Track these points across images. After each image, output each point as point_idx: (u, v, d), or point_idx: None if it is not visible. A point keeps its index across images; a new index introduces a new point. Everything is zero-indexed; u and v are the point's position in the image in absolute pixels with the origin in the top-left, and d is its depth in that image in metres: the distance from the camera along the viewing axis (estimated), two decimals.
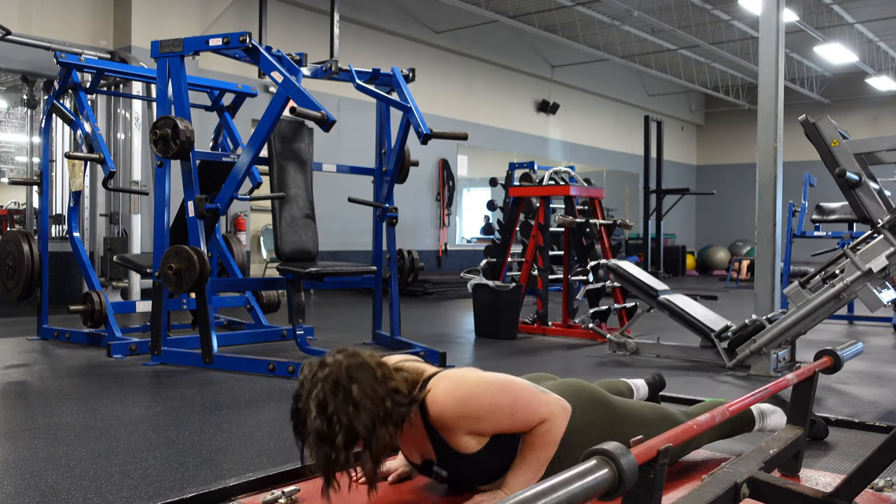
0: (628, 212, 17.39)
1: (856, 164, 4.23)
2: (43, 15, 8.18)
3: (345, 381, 1.67)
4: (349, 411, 1.65)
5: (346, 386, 1.67)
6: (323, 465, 1.68)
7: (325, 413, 1.65)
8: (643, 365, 4.85)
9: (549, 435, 1.81)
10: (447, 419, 1.79)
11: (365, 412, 1.66)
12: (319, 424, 1.65)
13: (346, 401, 1.65)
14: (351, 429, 1.65)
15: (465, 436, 1.80)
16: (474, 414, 1.78)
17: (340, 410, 1.65)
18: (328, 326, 6.60)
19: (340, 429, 1.64)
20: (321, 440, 1.66)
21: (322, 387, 1.67)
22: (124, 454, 2.71)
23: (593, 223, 6.34)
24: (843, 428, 2.68)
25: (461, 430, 1.80)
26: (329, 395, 1.66)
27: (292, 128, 5.19)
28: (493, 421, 1.79)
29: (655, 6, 12.21)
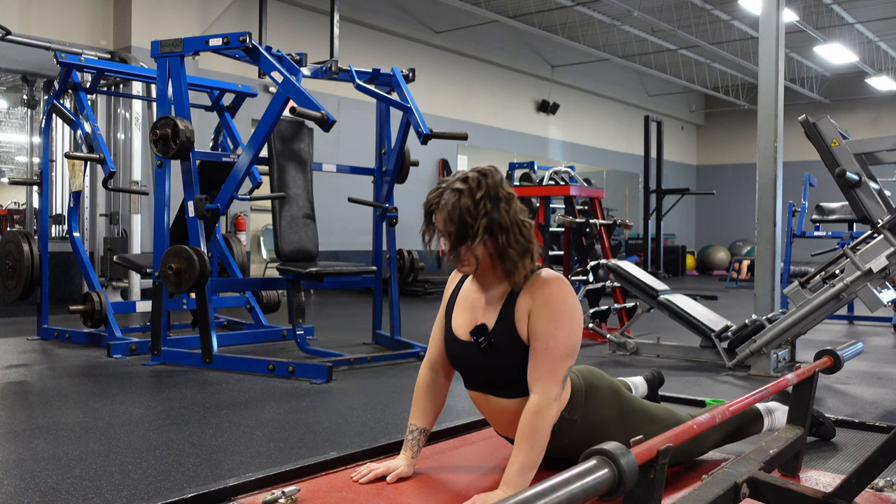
0: (628, 212, 17.39)
1: (856, 164, 4.23)
2: (43, 15, 8.18)
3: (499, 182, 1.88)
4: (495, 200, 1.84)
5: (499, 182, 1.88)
6: (455, 235, 1.84)
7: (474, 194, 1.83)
8: (643, 365, 4.85)
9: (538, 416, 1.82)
10: (542, 285, 1.87)
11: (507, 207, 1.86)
12: (467, 201, 1.82)
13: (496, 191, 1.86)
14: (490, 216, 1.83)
15: (527, 312, 1.87)
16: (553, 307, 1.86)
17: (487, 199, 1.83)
18: (328, 326, 6.60)
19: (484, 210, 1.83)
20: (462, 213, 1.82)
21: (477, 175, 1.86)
22: (124, 454, 2.71)
23: (593, 223, 6.35)
24: (843, 428, 2.67)
25: (532, 303, 1.87)
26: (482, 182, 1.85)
27: (292, 128, 5.19)
28: (545, 327, 1.85)
29: (655, 6, 12.21)
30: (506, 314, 1.90)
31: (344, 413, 3.42)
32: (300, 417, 3.34)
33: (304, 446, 2.84)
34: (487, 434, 2.47)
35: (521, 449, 1.82)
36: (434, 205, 1.88)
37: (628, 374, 2.96)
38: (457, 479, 2.07)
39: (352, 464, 2.16)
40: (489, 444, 2.36)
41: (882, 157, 4.48)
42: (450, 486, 2.01)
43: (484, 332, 1.92)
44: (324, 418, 3.31)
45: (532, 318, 1.87)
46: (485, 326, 1.92)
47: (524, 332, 1.87)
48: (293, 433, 3.05)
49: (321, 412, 3.43)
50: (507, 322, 1.89)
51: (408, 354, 4.89)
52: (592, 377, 2.06)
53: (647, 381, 2.85)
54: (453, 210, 1.83)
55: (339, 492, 1.95)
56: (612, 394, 2.05)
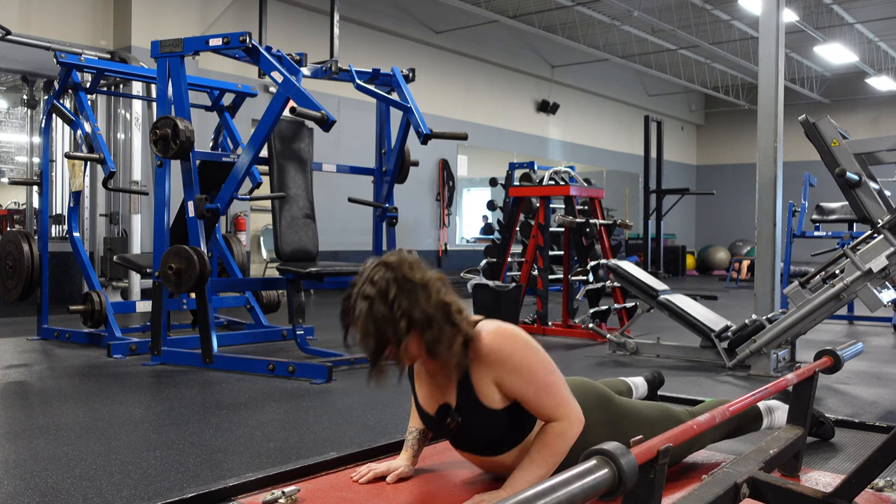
0: (628, 212, 17.39)
1: (856, 164, 4.23)
2: (43, 15, 8.18)
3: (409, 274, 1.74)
4: (412, 298, 1.71)
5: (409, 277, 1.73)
6: (375, 347, 1.73)
7: (387, 299, 1.70)
8: (643, 365, 4.85)
9: (561, 436, 1.81)
10: (488, 355, 1.79)
11: (424, 302, 1.72)
12: (381, 308, 1.70)
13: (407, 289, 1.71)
14: (409, 315, 1.70)
15: (492, 383, 1.81)
16: (513, 362, 1.79)
17: (403, 296, 1.71)
18: (328, 326, 6.60)
19: (401, 315, 1.70)
20: (380, 322, 1.70)
21: (385, 273, 1.73)
22: (124, 454, 2.71)
23: (593, 223, 6.34)
24: (843, 428, 2.68)
25: (491, 374, 1.80)
26: (391, 283, 1.72)
27: (292, 128, 5.19)
28: (523, 381, 1.79)
29: (655, 6, 12.21)
30: (465, 389, 1.84)
31: (344, 413, 3.42)
32: (300, 417, 3.34)
33: (304, 446, 2.84)
34: None
35: (534, 460, 1.81)
36: (349, 318, 1.78)
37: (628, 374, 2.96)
38: (457, 479, 2.07)
39: (352, 464, 2.16)
40: None
41: (882, 157, 4.48)
42: (450, 486, 2.01)
43: (448, 412, 1.88)
44: (324, 418, 3.31)
45: (503, 385, 1.81)
46: (448, 406, 1.88)
47: (492, 403, 1.82)
48: (293, 433, 3.05)
49: (321, 412, 3.43)
50: (470, 396, 1.84)
51: None
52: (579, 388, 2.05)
53: (648, 381, 2.86)
54: (367, 322, 1.72)
55: (340, 492, 1.95)
56: (599, 400, 2.03)
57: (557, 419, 1.82)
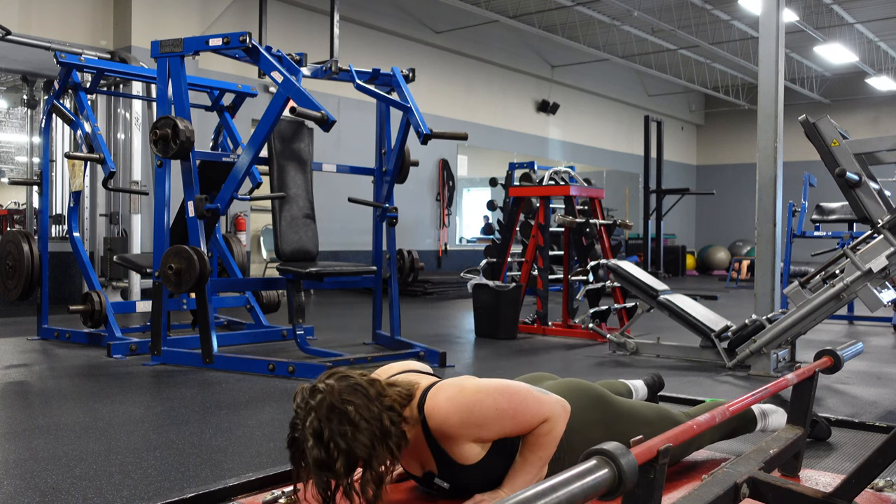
0: (628, 212, 17.39)
1: (856, 164, 4.23)
2: (43, 15, 8.18)
3: (339, 405, 1.66)
4: (347, 435, 1.64)
5: (341, 409, 1.66)
6: (323, 492, 1.68)
7: (322, 440, 1.64)
8: (643, 365, 4.85)
9: (550, 434, 1.81)
10: (449, 428, 1.77)
11: (362, 433, 1.65)
12: (318, 453, 1.64)
13: (342, 424, 1.65)
14: (350, 452, 1.65)
15: (467, 444, 1.79)
16: (477, 421, 1.77)
17: (337, 435, 1.64)
18: (328, 326, 6.60)
19: (339, 454, 1.64)
20: (321, 468, 1.65)
21: (316, 414, 1.65)
22: (124, 454, 2.71)
23: (593, 223, 6.34)
24: (843, 428, 2.68)
25: (464, 439, 1.79)
26: (324, 422, 1.65)
27: (292, 128, 5.19)
28: (497, 426, 1.78)
29: (655, 6, 12.21)
30: (442, 459, 1.83)
31: None
32: None
33: None
34: None
35: (527, 459, 1.82)
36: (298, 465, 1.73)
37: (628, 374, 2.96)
38: None
39: None
40: None
41: (882, 157, 4.48)
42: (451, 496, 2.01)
43: (434, 478, 1.88)
44: None
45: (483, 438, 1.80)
46: (432, 474, 1.88)
47: (473, 457, 1.81)
48: None
49: None
50: (449, 463, 1.83)
51: (408, 354, 4.88)
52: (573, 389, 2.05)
53: (648, 384, 2.87)
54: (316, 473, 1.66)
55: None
56: (594, 401, 2.03)
57: (543, 421, 1.81)
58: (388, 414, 1.71)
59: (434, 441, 1.81)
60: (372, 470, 1.67)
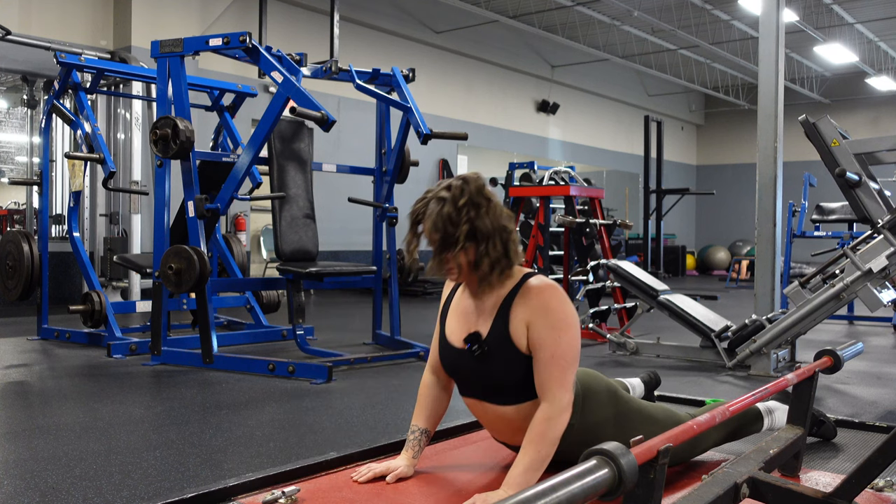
0: (628, 212, 17.39)
1: (856, 164, 4.23)
2: (43, 15, 8.18)
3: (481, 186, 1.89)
4: (482, 209, 1.85)
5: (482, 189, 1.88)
6: (439, 244, 1.86)
7: (457, 205, 1.84)
8: (643, 365, 4.85)
9: (547, 422, 1.82)
10: (536, 294, 1.87)
11: (493, 217, 1.85)
12: (450, 210, 1.84)
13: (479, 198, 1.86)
14: (474, 226, 1.83)
15: (523, 323, 1.87)
16: (552, 316, 1.86)
17: (470, 207, 1.84)
18: (328, 326, 6.60)
19: (467, 220, 1.82)
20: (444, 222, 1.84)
21: (461, 184, 1.87)
22: (124, 454, 2.71)
23: (593, 223, 6.34)
24: (843, 428, 2.67)
25: (527, 314, 1.87)
26: (466, 192, 1.86)
27: (292, 128, 5.19)
28: (547, 336, 1.85)
29: (655, 6, 12.21)
30: (500, 322, 1.90)
31: (344, 413, 3.42)
32: (300, 417, 3.34)
33: (304, 446, 2.84)
34: (488, 434, 2.47)
35: (527, 452, 1.82)
36: (420, 214, 1.92)
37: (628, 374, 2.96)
38: (457, 479, 2.07)
39: (352, 464, 2.16)
40: (490, 443, 2.36)
41: (882, 157, 4.48)
42: (450, 486, 2.01)
43: (478, 340, 1.92)
44: (324, 418, 3.31)
45: (532, 329, 1.87)
46: (478, 334, 1.93)
47: (520, 341, 1.88)
48: (293, 433, 3.06)
49: (321, 412, 3.43)
50: (502, 330, 1.89)
51: (408, 354, 4.89)
52: (589, 380, 2.05)
53: (644, 382, 2.87)
54: (437, 219, 1.85)
55: (339, 492, 1.95)
56: (609, 396, 2.04)
57: (548, 399, 1.83)
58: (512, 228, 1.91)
59: (511, 300, 1.90)
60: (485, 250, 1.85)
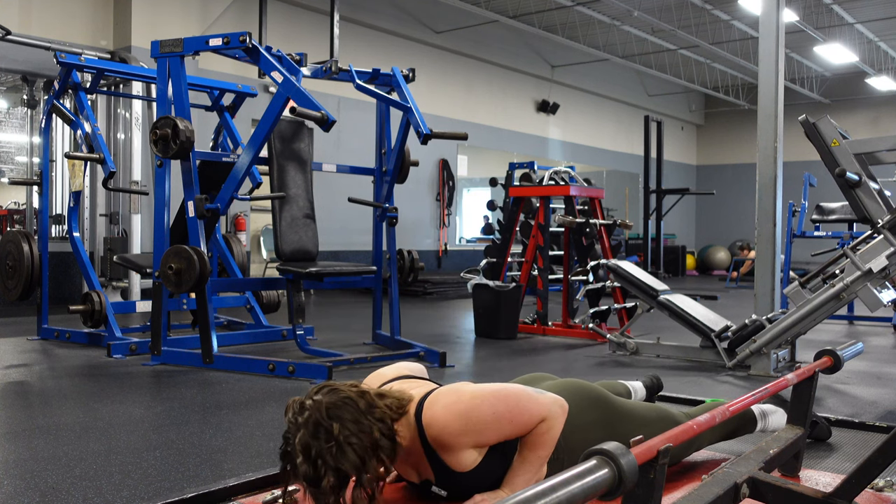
0: (628, 212, 17.39)
1: (856, 164, 4.23)
2: (43, 15, 8.18)
3: (325, 423, 1.66)
4: (334, 452, 1.64)
5: (328, 426, 1.65)
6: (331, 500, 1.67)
7: (310, 457, 1.64)
8: (643, 365, 4.85)
9: (548, 433, 1.81)
10: (448, 437, 1.77)
11: (351, 449, 1.65)
12: (307, 469, 1.64)
13: (328, 442, 1.64)
14: (338, 469, 1.64)
15: (465, 451, 1.79)
16: (476, 427, 1.76)
17: (325, 452, 1.64)
18: (328, 326, 6.60)
19: (328, 471, 1.63)
20: (311, 483, 1.65)
21: (304, 431, 1.65)
22: (124, 454, 2.71)
23: (593, 223, 6.34)
24: (843, 428, 2.68)
25: (463, 446, 1.78)
26: (312, 440, 1.65)
27: (292, 128, 5.19)
28: (495, 430, 1.78)
29: (655, 6, 12.21)
30: (440, 468, 1.83)
31: None
32: None
33: None
34: None
35: (526, 458, 1.82)
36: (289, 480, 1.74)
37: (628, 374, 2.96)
38: None
39: None
40: None
41: (882, 157, 4.48)
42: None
43: (432, 486, 1.88)
44: None
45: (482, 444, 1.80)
46: (429, 482, 1.88)
47: (470, 463, 1.81)
48: None
49: None
50: (447, 472, 1.83)
51: (408, 354, 4.88)
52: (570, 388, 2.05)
53: (646, 386, 2.89)
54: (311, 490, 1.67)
55: None
56: (593, 401, 2.03)
57: (540, 422, 1.81)
58: (379, 426, 1.70)
59: (431, 450, 1.80)
60: (362, 484, 1.66)
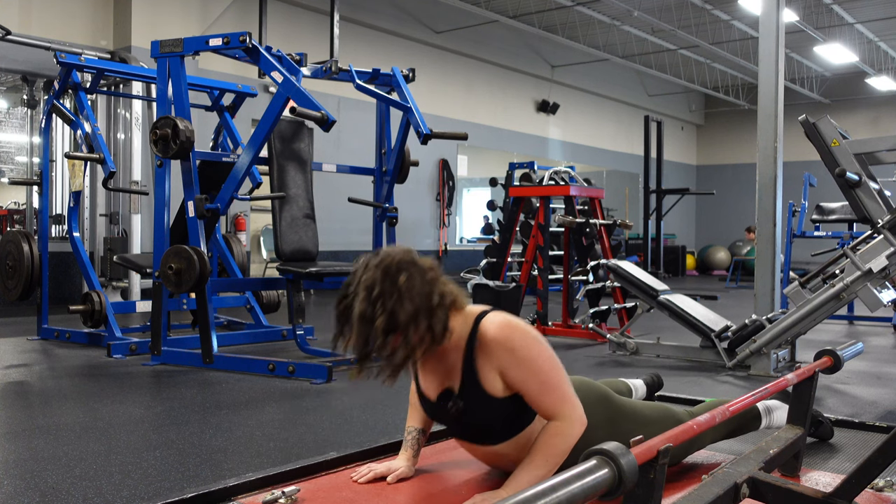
0: (628, 212, 17.39)
1: (856, 164, 4.23)
2: (43, 15, 8.18)
3: (394, 271, 1.74)
4: (394, 298, 1.71)
5: (395, 275, 1.73)
6: (360, 348, 1.73)
7: (371, 296, 1.71)
8: (643, 365, 4.85)
9: (561, 437, 1.80)
10: (495, 347, 1.81)
11: (409, 302, 1.72)
12: (364, 307, 1.71)
13: (392, 287, 1.72)
14: (393, 314, 1.70)
15: (494, 372, 1.82)
16: (519, 354, 1.80)
17: (386, 296, 1.71)
18: (328, 326, 6.58)
19: (383, 312, 1.70)
20: (363, 321, 1.71)
21: (372, 273, 1.74)
22: (124, 454, 2.71)
23: (593, 223, 6.34)
24: (843, 428, 2.67)
25: (495, 364, 1.81)
26: (378, 281, 1.72)
27: (292, 128, 5.19)
28: (527, 375, 1.80)
29: (655, 6, 12.21)
30: (469, 375, 1.84)
31: (344, 413, 3.42)
32: (300, 417, 3.34)
33: (304, 446, 2.84)
34: None
35: (533, 460, 1.80)
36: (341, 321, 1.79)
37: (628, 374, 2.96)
38: (457, 479, 2.07)
39: (352, 464, 2.16)
40: None
41: (882, 157, 4.48)
42: (450, 486, 2.01)
43: (451, 397, 1.88)
44: (324, 418, 3.31)
45: (508, 375, 1.82)
46: (451, 391, 1.88)
47: (494, 390, 1.82)
48: (293, 433, 3.05)
49: (321, 412, 3.43)
50: (473, 382, 1.84)
51: None
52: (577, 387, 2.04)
53: (647, 384, 2.88)
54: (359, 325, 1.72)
55: (340, 492, 1.95)
56: (598, 399, 2.03)
57: (558, 418, 1.81)
58: (439, 298, 1.77)
59: (471, 356, 1.84)
60: (407, 340, 1.72)
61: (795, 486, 1.56)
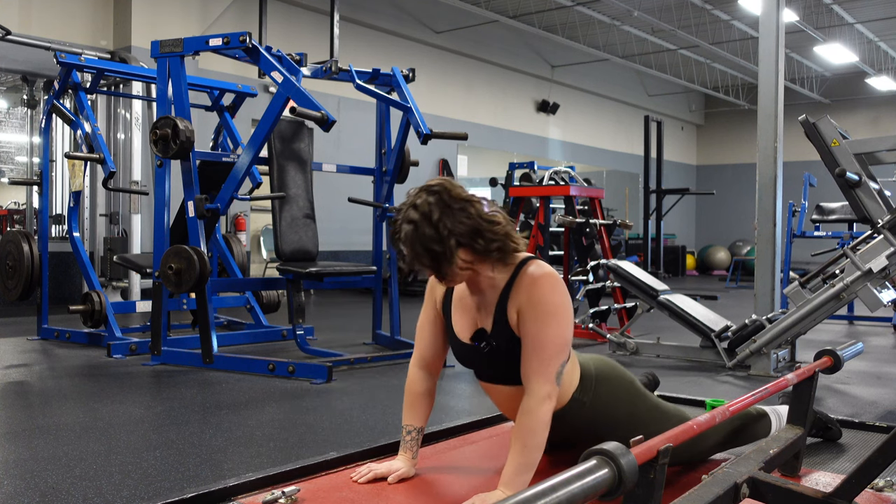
0: (628, 212, 17.39)
1: (856, 164, 4.23)
2: (43, 15, 8.18)
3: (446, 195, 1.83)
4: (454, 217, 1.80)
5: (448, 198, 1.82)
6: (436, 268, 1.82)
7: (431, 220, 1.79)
8: (643, 365, 4.85)
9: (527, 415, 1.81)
10: (527, 281, 1.86)
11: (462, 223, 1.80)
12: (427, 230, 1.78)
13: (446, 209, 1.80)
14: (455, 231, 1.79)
15: (514, 309, 1.87)
16: (539, 299, 1.84)
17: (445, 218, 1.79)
18: (328, 326, 6.60)
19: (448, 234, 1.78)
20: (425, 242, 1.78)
21: (426, 199, 1.81)
22: (124, 454, 2.71)
23: (593, 223, 6.34)
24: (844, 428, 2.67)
25: (517, 303, 1.86)
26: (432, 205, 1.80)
27: (292, 128, 5.19)
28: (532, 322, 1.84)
29: (655, 6, 12.21)
30: (500, 315, 1.90)
31: (344, 413, 3.42)
32: (300, 417, 3.34)
33: (304, 446, 2.84)
34: (487, 434, 2.47)
35: (514, 449, 1.82)
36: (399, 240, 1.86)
37: None
38: (457, 479, 2.07)
39: (352, 464, 2.16)
40: (489, 443, 2.36)
41: (882, 157, 4.48)
42: (450, 486, 2.02)
43: (484, 337, 1.94)
44: (324, 418, 3.31)
45: (521, 318, 1.87)
46: (484, 331, 1.94)
47: (515, 327, 1.89)
48: (293, 433, 3.06)
49: (321, 412, 3.43)
50: (503, 323, 1.90)
51: (408, 354, 4.86)
52: (605, 367, 2.07)
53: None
54: (416, 244, 1.80)
55: (340, 492, 1.95)
56: (626, 385, 2.05)
57: (527, 390, 1.83)
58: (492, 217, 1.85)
59: (507, 292, 1.88)
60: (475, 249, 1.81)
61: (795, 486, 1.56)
